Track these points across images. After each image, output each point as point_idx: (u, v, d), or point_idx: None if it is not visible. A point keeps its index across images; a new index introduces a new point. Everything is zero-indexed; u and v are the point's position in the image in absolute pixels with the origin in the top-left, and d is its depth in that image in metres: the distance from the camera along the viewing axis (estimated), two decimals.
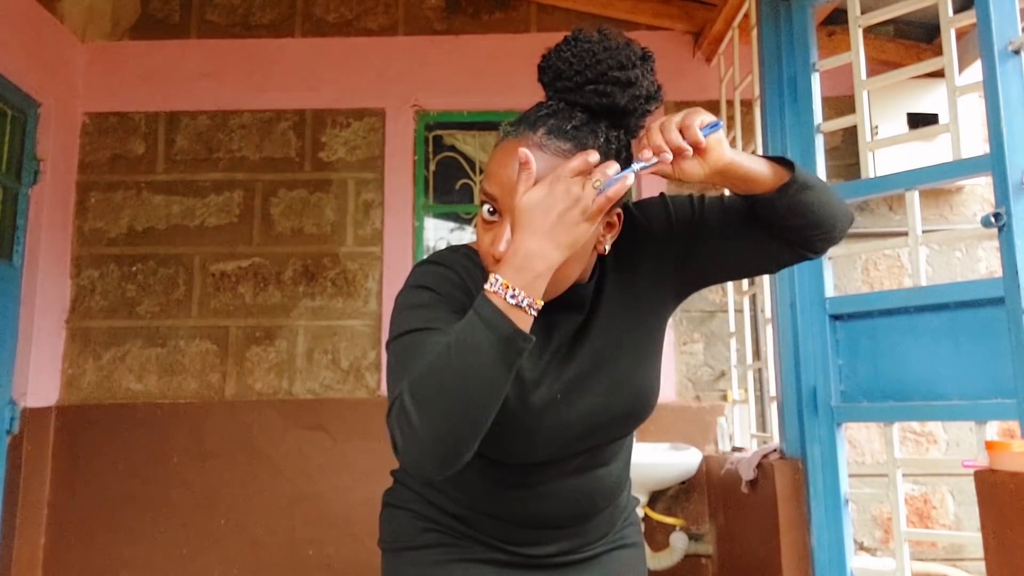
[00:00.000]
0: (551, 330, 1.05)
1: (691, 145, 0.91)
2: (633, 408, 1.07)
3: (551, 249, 0.87)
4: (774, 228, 1.05)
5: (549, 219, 0.87)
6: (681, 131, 0.92)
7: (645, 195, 1.27)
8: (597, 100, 0.95)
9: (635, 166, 0.92)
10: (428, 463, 0.85)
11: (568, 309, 1.05)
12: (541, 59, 0.98)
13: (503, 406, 0.93)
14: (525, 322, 0.86)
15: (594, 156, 0.89)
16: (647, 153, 0.92)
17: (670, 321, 3.30)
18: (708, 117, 0.94)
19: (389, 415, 0.87)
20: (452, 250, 1.08)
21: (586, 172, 0.89)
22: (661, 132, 0.92)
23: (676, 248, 1.09)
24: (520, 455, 1.04)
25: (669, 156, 0.91)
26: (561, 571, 1.13)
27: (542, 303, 0.88)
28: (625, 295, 1.07)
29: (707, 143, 0.93)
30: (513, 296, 0.85)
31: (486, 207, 0.97)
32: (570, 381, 1.03)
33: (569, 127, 0.94)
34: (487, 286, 0.86)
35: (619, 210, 1.01)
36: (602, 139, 0.95)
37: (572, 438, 1.04)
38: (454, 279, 1.01)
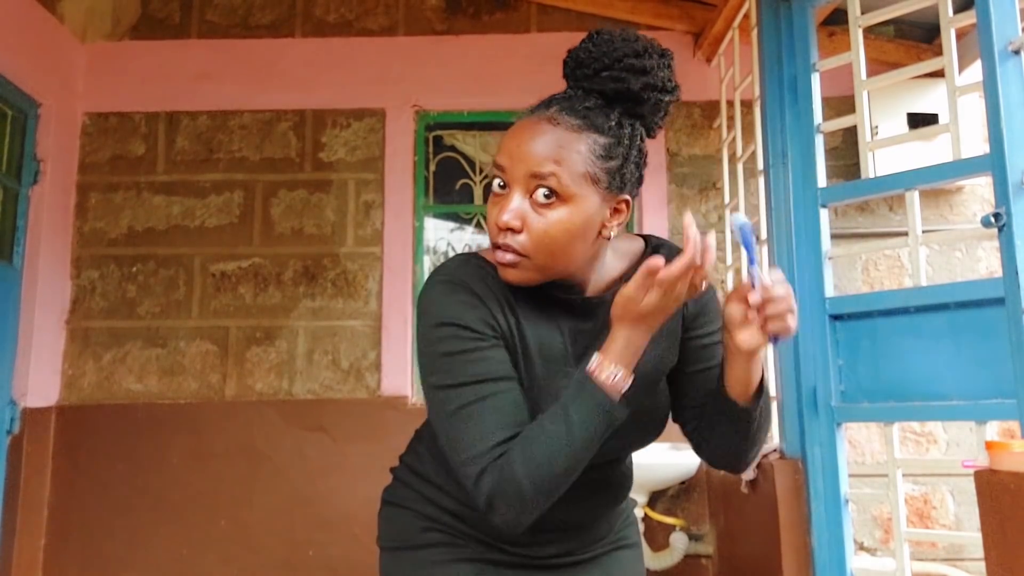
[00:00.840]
0: (568, 339, 1.05)
1: (767, 324, 0.96)
2: (641, 429, 1.09)
3: (645, 330, 0.95)
4: (707, 412, 1.09)
5: (659, 320, 0.95)
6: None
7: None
8: (612, 85, 0.98)
9: (756, 270, 0.97)
10: (527, 517, 0.95)
11: (591, 319, 1.06)
12: (567, 54, 1.02)
13: (533, 409, 1.01)
14: (620, 393, 0.95)
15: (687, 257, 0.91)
16: (766, 278, 0.95)
17: None
18: (792, 331, 0.98)
19: (481, 479, 0.92)
20: (464, 262, 1.06)
21: (688, 274, 0.92)
22: (780, 304, 0.96)
23: (690, 324, 1.12)
24: None
25: (755, 298, 0.95)
26: (561, 572, 1.13)
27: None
28: None
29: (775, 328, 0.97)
30: (626, 384, 0.95)
31: (497, 181, 1.00)
32: None
33: (581, 107, 0.97)
34: (605, 376, 0.93)
35: (627, 198, 1.02)
36: (613, 122, 0.98)
37: None
38: (475, 303, 1.00)
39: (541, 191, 0.96)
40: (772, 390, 2.41)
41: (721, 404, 1.04)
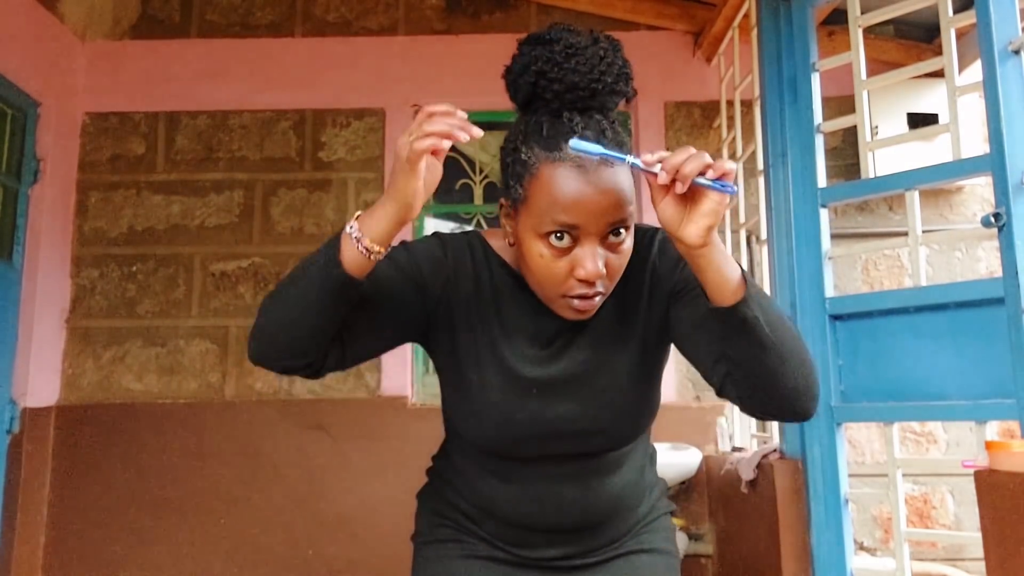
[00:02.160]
0: (545, 326, 1.06)
1: (681, 179, 0.84)
2: (607, 427, 1.05)
3: (387, 200, 0.92)
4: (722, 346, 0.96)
5: (391, 172, 0.92)
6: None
7: None
8: (613, 101, 0.97)
9: (636, 159, 0.87)
10: (256, 346, 0.97)
11: (560, 320, 1.05)
12: (542, 80, 0.97)
13: (483, 384, 1.02)
14: (358, 260, 0.92)
15: (439, 107, 0.92)
16: (654, 160, 0.86)
17: None
18: (730, 169, 0.85)
19: None
20: (464, 233, 1.11)
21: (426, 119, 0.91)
22: (679, 155, 0.85)
23: (672, 289, 1.05)
24: (496, 439, 1.05)
25: (663, 177, 0.84)
26: (566, 574, 1.12)
27: (380, 248, 0.92)
28: (621, 313, 1.06)
29: (708, 196, 0.85)
30: (350, 228, 0.93)
31: (558, 235, 0.93)
32: (551, 380, 1.05)
33: (611, 131, 0.95)
34: (347, 227, 0.94)
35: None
36: (624, 134, 0.98)
37: (543, 436, 1.04)
38: (439, 258, 1.05)
39: (620, 230, 0.94)
40: None
41: (716, 320, 0.91)
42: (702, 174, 0.83)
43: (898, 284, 3.13)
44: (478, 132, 0.91)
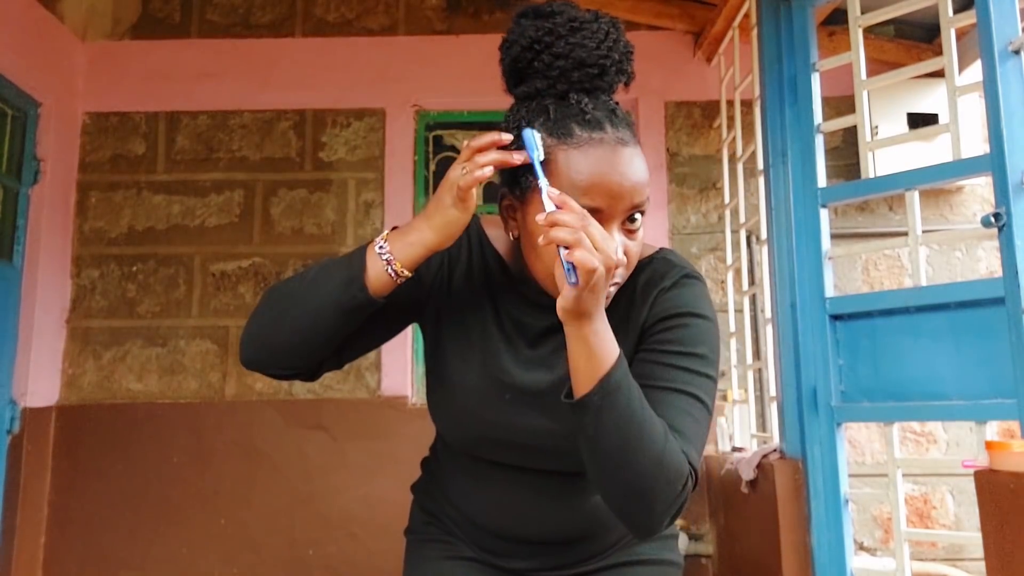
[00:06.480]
0: (537, 323, 1.02)
1: (546, 234, 0.82)
2: (575, 449, 0.92)
3: (426, 227, 0.90)
4: None
5: (435, 200, 0.90)
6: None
7: None
8: (618, 80, 0.94)
9: (548, 187, 0.85)
10: (251, 352, 0.96)
11: (553, 318, 1.04)
12: (541, 49, 0.90)
13: (463, 376, 0.99)
14: (383, 281, 0.91)
15: (483, 140, 0.90)
16: (555, 197, 0.84)
17: None
18: (590, 266, 0.79)
19: None
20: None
21: (479, 151, 0.90)
22: (567, 216, 0.82)
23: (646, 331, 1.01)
24: (465, 435, 1.04)
25: (540, 218, 0.82)
26: None
27: (409, 273, 0.91)
28: (614, 329, 1.01)
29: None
30: (380, 248, 0.91)
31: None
32: (528, 389, 1.00)
33: (623, 115, 0.93)
34: (374, 242, 0.93)
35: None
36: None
37: (511, 443, 1.01)
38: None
39: (636, 215, 0.91)
40: (772, 390, 2.41)
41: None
42: (569, 249, 0.79)
43: (898, 284, 3.13)
44: (520, 157, 0.89)
